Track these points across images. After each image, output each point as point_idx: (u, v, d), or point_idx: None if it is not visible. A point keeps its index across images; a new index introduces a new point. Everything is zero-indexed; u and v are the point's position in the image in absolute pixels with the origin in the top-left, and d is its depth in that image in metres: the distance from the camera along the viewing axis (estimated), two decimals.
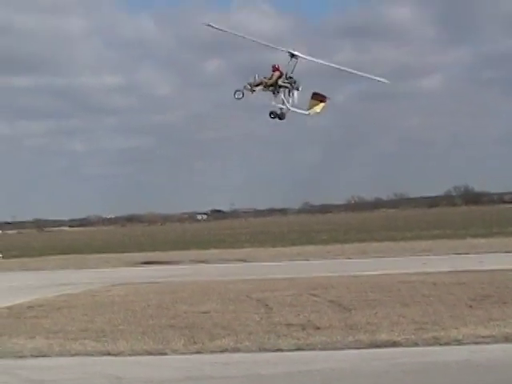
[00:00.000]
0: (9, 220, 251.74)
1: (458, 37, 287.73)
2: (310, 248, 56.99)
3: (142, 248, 71.87)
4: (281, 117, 30.80)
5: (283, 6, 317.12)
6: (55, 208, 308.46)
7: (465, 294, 23.30)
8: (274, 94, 30.46)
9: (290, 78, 30.25)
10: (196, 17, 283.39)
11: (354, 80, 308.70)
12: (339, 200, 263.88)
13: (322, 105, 31.12)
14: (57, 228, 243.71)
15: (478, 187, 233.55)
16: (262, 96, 30.57)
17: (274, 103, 30.62)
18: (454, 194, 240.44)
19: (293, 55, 29.94)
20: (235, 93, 30.54)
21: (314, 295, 25.06)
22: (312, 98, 31.15)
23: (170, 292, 28.59)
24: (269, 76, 30.32)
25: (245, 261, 47.20)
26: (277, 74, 30.14)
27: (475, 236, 58.67)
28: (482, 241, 52.85)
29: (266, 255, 51.29)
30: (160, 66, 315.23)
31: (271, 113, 30.60)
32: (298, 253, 51.46)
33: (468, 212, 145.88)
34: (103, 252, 67.92)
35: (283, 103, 30.50)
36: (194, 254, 58.09)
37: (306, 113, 31.05)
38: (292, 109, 30.65)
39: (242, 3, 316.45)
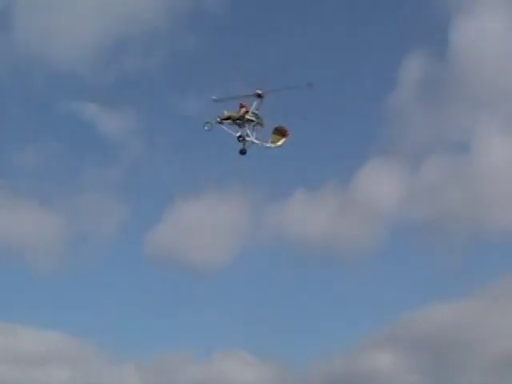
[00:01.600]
0: None
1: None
2: None
3: None
4: (243, 151, 33.42)
5: (265, 355, 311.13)
6: None
7: None
8: (239, 127, 33.29)
9: (255, 114, 33.20)
10: (179, 366, 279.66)
11: None
12: None
13: (283, 139, 33.50)
14: None
15: None
16: (229, 129, 33.30)
17: (239, 133, 33.29)
18: None
19: (259, 95, 32.80)
20: (205, 125, 33.14)
21: None
22: (273, 132, 33.70)
23: None
24: (236, 111, 33.37)
25: None
26: (243, 109, 33.18)
27: None
28: None
29: None
30: None
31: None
32: None
33: None
34: None
35: (248, 136, 33.27)
36: None
37: (268, 145, 33.55)
38: (256, 141, 33.36)
39: (224, 353, 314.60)
